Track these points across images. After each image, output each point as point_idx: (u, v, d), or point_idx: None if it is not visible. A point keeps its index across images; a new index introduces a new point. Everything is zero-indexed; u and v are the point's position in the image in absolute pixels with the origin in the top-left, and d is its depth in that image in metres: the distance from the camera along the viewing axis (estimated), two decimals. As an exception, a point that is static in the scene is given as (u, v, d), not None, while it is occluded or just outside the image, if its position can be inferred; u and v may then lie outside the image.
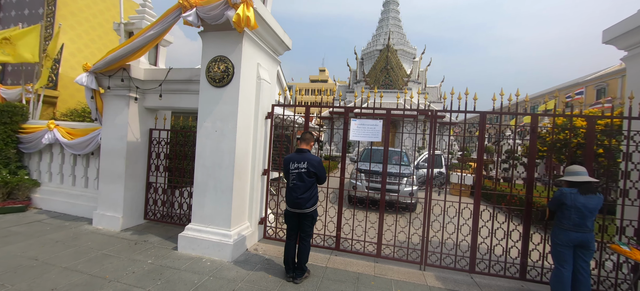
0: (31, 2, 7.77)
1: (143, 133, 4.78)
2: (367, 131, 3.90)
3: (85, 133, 5.01)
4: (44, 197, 5.40)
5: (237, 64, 3.73)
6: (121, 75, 4.35)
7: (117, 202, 4.53)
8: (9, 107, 5.49)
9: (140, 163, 4.77)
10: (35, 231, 4.24)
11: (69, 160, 5.37)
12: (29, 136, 5.40)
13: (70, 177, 5.38)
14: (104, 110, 4.63)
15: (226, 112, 3.75)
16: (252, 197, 4.20)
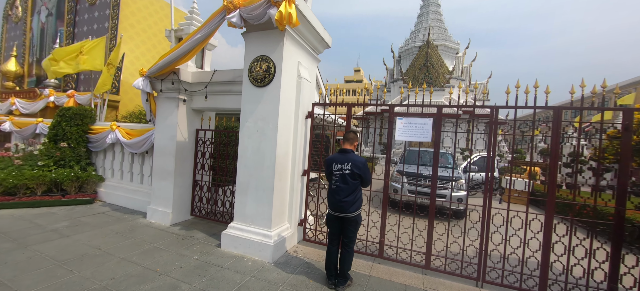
0: (99, 17, 8.75)
1: (190, 133, 5.01)
2: (415, 130, 3.59)
3: (141, 134, 5.43)
4: (108, 191, 5.98)
5: (278, 63, 3.69)
6: (171, 78, 4.60)
7: (168, 198, 4.80)
8: (81, 110, 6.19)
9: (187, 161, 5.01)
10: (99, 223, 4.67)
11: (128, 158, 5.87)
12: (96, 136, 6.02)
13: (128, 173, 5.88)
14: (156, 112, 4.94)
15: (267, 112, 3.73)
16: (291, 198, 4.13)
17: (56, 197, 5.51)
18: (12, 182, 5.24)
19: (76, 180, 5.75)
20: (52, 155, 5.85)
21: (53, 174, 5.54)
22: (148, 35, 9.14)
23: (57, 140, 5.94)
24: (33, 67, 10.62)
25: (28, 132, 7.35)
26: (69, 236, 4.01)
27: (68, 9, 9.37)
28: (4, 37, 12.13)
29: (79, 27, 9.21)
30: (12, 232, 4.04)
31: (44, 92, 8.71)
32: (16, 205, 5.14)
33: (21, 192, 5.38)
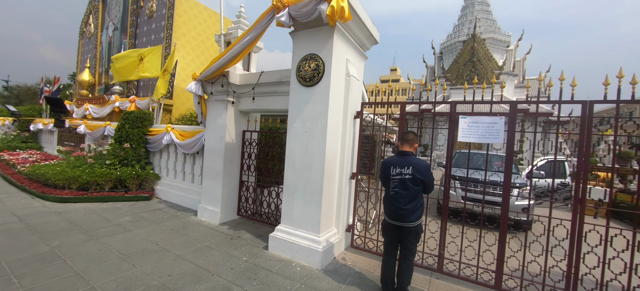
0: (156, 29, 9.52)
1: (237, 134, 5.11)
2: (482, 130, 3.16)
3: (192, 135, 5.69)
4: (163, 189, 6.39)
5: (327, 60, 3.54)
6: (221, 81, 4.72)
7: (217, 197, 4.94)
8: (141, 114, 6.72)
9: (234, 162, 5.11)
10: (156, 219, 4.97)
11: (180, 158, 6.22)
12: (154, 137, 6.48)
13: (181, 172, 6.22)
14: (207, 114, 5.13)
15: (316, 112, 3.60)
16: (340, 202, 3.94)
17: (120, 193, 6.03)
18: (86, 179, 5.85)
19: (137, 178, 6.24)
20: (118, 154, 6.43)
21: (118, 172, 6.07)
22: (197, 42, 9.70)
23: (121, 141, 6.51)
24: (102, 77, 11.95)
25: (98, 134, 8.23)
26: (132, 231, 4.30)
27: (130, 23, 10.36)
28: (80, 51, 13.89)
29: (139, 38, 10.13)
30: (85, 224, 4.45)
31: (111, 98, 9.72)
32: (88, 199, 5.71)
33: (92, 188, 5.98)
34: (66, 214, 4.88)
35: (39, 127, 11.76)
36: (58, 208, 5.16)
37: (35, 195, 5.83)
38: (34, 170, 6.43)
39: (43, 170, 6.23)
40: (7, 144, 11.09)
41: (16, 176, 6.97)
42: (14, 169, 7.66)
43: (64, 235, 3.98)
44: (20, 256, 3.28)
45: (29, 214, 4.76)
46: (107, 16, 11.89)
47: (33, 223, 4.36)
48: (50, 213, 4.85)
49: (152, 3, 9.73)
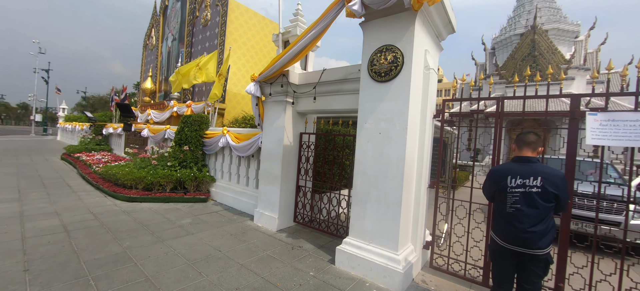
0: (210, 36, 9.92)
1: (295, 137, 4.86)
2: (622, 131, 2.42)
3: (248, 138, 5.61)
4: (218, 191, 6.43)
5: (407, 51, 3.07)
6: (281, 81, 4.51)
7: (274, 202, 4.72)
8: (198, 117, 6.90)
9: (292, 166, 4.86)
10: (215, 222, 4.91)
11: (235, 161, 6.20)
12: (210, 140, 6.58)
13: (235, 175, 6.19)
14: (264, 116, 4.97)
15: (393, 111, 3.14)
16: (417, 215, 3.42)
17: (180, 194, 6.18)
18: (150, 180, 6.10)
19: (194, 179, 6.37)
20: (177, 156, 6.65)
21: (178, 174, 6.24)
22: (247, 47, 9.89)
23: (181, 144, 6.73)
24: (162, 84, 12.89)
25: (159, 137, 8.73)
26: (194, 234, 4.25)
27: (187, 32, 10.98)
28: (143, 62, 15.23)
29: (195, 47, 10.67)
30: (151, 225, 4.53)
31: (170, 103, 10.33)
32: (152, 199, 5.94)
33: (155, 188, 6.23)
34: (134, 213, 5.06)
35: (109, 131, 13.05)
36: (127, 207, 5.41)
37: (107, 193, 6.24)
38: (107, 170, 6.94)
39: (114, 170, 6.68)
40: (84, 146, 12.47)
41: (92, 175, 7.63)
42: (90, 169, 8.43)
43: (134, 235, 4.04)
44: (96, 256, 3.33)
45: (103, 212, 5.03)
46: (167, 28, 12.83)
47: (106, 221, 4.56)
48: (121, 212, 5.07)
49: (206, 12, 10.19)
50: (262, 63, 10.39)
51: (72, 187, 6.83)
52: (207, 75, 7.35)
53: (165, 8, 13.14)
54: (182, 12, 11.65)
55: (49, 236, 3.83)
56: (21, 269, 2.92)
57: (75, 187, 6.82)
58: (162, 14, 13.33)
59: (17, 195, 5.80)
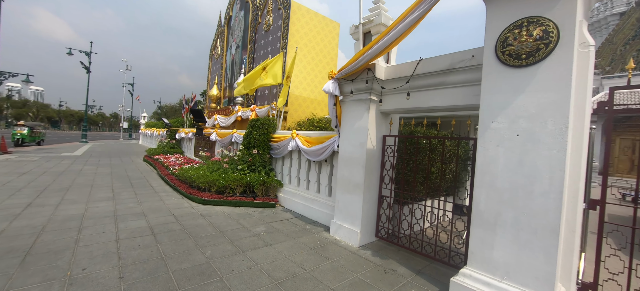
0: (272, 41, 9.98)
1: (378, 140, 4.26)
2: None
3: (320, 141, 5.19)
4: (286, 197, 6.16)
5: (565, 22, 2.24)
6: (365, 76, 3.96)
7: (355, 214, 4.17)
8: (266, 120, 6.78)
9: (374, 173, 4.26)
10: (289, 231, 4.57)
11: (304, 165, 5.85)
12: (278, 143, 6.37)
13: (304, 181, 5.84)
14: (342, 117, 4.48)
15: (541, 104, 2.32)
16: (570, 244, 2.50)
17: (249, 199, 6.07)
18: (222, 183, 6.12)
19: (263, 184, 6.21)
20: (246, 160, 6.60)
21: (248, 178, 6.14)
22: (308, 49, 9.68)
23: (249, 147, 6.67)
24: (227, 91, 13.56)
25: (226, 141, 8.98)
26: (272, 245, 3.93)
27: (250, 39, 11.29)
28: (209, 70, 16.36)
29: (257, 52, 10.89)
30: (228, 232, 4.37)
31: (234, 108, 10.69)
32: (224, 203, 5.92)
33: (227, 191, 6.23)
34: (210, 217, 5.02)
35: (182, 135, 14.20)
36: (202, 211, 5.43)
37: (184, 195, 6.46)
38: (182, 173, 7.26)
39: (189, 173, 6.93)
40: (161, 149, 13.77)
41: (169, 176, 8.12)
42: (167, 170, 9.06)
43: (214, 243, 3.88)
44: (183, 265, 3.18)
45: (182, 215, 5.09)
46: (231, 37, 13.50)
47: (187, 225, 4.55)
48: (198, 216, 5.08)
49: (268, 17, 10.30)
50: (322, 64, 10.09)
51: (154, 188, 7.30)
52: (274, 78, 7.23)
53: (229, 18, 13.85)
54: (245, 20, 12.07)
55: (139, 238, 3.87)
56: (117, 276, 2.86)
57: (157, 188, 7.27)
58: (226, 24, 14.10)
59: (111, 194, 6.33)
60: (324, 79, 10.14)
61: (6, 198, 5.50)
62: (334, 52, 10.48)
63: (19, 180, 7.24)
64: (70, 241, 3.62)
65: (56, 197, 5.74)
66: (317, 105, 9.91)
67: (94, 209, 5.11)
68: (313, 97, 9.77)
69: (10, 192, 5.92)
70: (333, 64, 10.47)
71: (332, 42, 10.36)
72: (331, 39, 10.33)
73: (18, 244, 3.45)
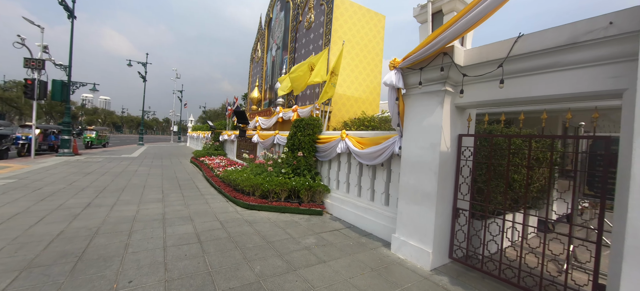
0: (314, 38, 9.59)
1: (453, 140, 3.50)
2: None
3: (376, 142, 4.56)
4: (333, 203, 5.63)
5: None
6: (439, 63, 3.25)
7: (425, 230, 3.46)
8: (311, 121, 6.33)
9: (448, 180, 3.51)
10: (343, 245, 4.01)
11: (355, 169, 5.25)
12: (325, 145, 5.87)
13: (355, 187, 5.24)
14: (406, 114, 3.80)
15: None
16: None
17: (294, 205, 5.65)
18: (266, 187, 5.79)
19: (309, 189, 5.75)
20: (291, 163, 6.21)
21: (293, 182, 5.74)
22: (352, 44, 9.09)
23: (294, 150, 6.28)
24: (267, 93, 13.56)
25: (268, 143, 8.76)
26: (326, 263, 3.40)
27: (290, 39, 11.07)
28: (250, 74, 16.62)
29: (298, 51, 10.60)
30: (276, 243, 3.95)
31: (276, 109, 10.51)
32: (269, 209, 5.58)
33: (271, 196, 5.90)
34: (255, 224, 4.68)
35: (225, 137, 14.55)
36: (247, 216, 5.14)
37: (229, 198, 6.28)
38: (227, 175, 7.14)
39: (233, 176, 6.77)
40: (206, 151, 14.23)
41: (214, 178, 8.12)
42: (212, 172, 9.13)
43: (262, 256, 3.48)
44: (231, 283, 2.79)
45: (228, 221, 4.83)
46: (271, 39, 13.49)
47: (233, 232, 4.24)
48: (243, 222, 4.77)
49: (310, 15, 9.94)
50: (367, 60, 9.42)
51: (200, 190, 7.30)
52: (321, 75, 6.78)
53: (269, 20, 13.87)
54: (285, 20, 11.91)
55: (185, 246, 3.62)
56: (163, 293, 2.56)
57: (203, 190, 7.26)
58: (266, 26, 14.14)
59: (161, 195, 6.39)
60: (368, 76, 9.47)
61: (70, 197, 5.79)
62: (379, 47, 9.75)
63: (84, 179, 7.76)
64: (120, 247, 3.48)
65: (112, 198, 5.91)
66: (361, 104, 9.27)
67: (145, 211, 5.09)
68: (358, 95, 9.15)
69: (74, 192, 6.27)
70: (378, 59, 9.74)
71: (377, 36, 9.64)
72: (376, 33, 9.62)
73: (72, 248, 3.39)
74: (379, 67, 9.74)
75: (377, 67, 9.70)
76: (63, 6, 13.45)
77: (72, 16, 13.95)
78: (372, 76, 9.57)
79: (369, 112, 9.57)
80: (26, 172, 8.41)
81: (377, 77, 9.72)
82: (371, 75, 9.52)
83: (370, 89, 9.56)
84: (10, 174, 7.96)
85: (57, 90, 13.48)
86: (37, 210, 4.81)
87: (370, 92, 9.57)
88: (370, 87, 9.57)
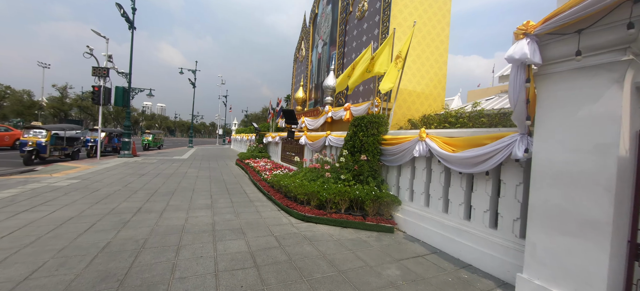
0: (367, 28, 8.63)
1: (632, 139, 2.26)
2: None
3: (474, 144, 3.43)
4: (407, 219, 4.58)
5: None
6: (623, 17, 2.06)
7: (586, 276, 2.27)
8: (376, 118, 5.36)
9: (625, 202, 2.27)
10: (438, 282, 2.97)
11: (439, 178, 4.15)
12: (395, 147, 4.85)
13: (439, 200, 4.14)
14: (543, 101, 2.64)
15: None
16: None
17: (358, 218, 4.73)
18: (325, 196, 4.96)
19: (376, 200, 4.78)
20: (351, 168, 5.31)
21: (357, 191, 4.82)
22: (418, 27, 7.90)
23: (354, 152, 5.37)
24: (312, 92, 12.92)
25: (318, 145, 7.98)
26: (430, 313, 2.40)
27: (339, 32, 10.23)
28: (293, 74, 16.21)
29: (348, 45, 9.72)
30: (348, 272, 3.07)
31: (324, 108, 9.74)
32: (328, 221, 4.74)
33: (328, 207, 5.05)
34: (317, 243, 3.85)
35: (268, 140, 14.25)
36: (305, 230, 4.35)
37: (280, 207, 5.60)
38: (277, 180, 6.50)
39: (284, 181, 6.10)
40: (251, 153, 14.06)
41: (262, 183, 7.57)
42: (259, 176, 8.65)
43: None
44: (308, 343, 1.95)
45: (283, 236, 4.09)
46: (317, 36, 12.84)
47: (293, 254, 3.46)
48: (303, 239, 3.98)
49: (363, 3, 9.01)
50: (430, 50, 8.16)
51: (248, 195, 6.77)
52: (383, 65, 5.79)
53: (315, 17, 13.25)
54: (333, 14, 11.14)
55: (240, 272, 2.91)
56: None
57: (251, 195, 6.72)
58: (311, 23, 13.55)
59: (209, 200, 5.95)
60: (432, 68, 8.19)
61: (123, 200, 5.60)
62: (445, 33, 8.42)
63: (138, 181, 7.77)
64: (166, 269, 2.89)
65: (162, 202, 5.60)
66: (423, 99, 8.04)
67: (194, 219, 4.60)
68: (420, 90, 7.95)
69: (128, 194, 6.14)
70: (443, 48, 8.41)
71: (443, 20, 8.33)
72: (441, 18, 8.31)
73: (116, 266, 2.89)
74: (444, 56, 8.40)
75: (442, 57, 8.37)
76: (124, 18, 14.40)
77: (132, 27, 14.90)
78: (437, 67, 8.28)
79: (433, 109, 8.28)
80: (90, 173, 8.78)
81: (442, 68, 8.39)
82: (435, 67, 8.23)
83: (434, 83, 8.28)
84: (76, 174, 8.34)
85: (119, 95, 14.44)
86: (90, 214, 4.59)
87: (434, 86, 8.28)
88: (434, 81, 8.28)
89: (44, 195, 5.62)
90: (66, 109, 54.33)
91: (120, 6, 13.82)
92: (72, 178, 7.63)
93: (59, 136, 12.17)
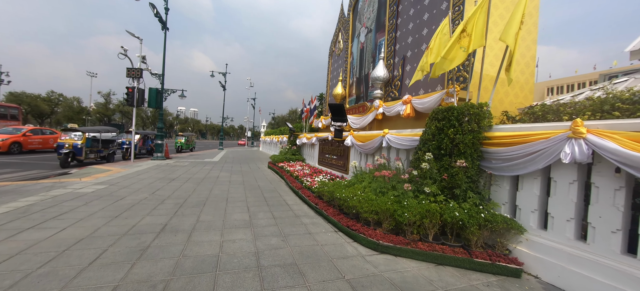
0: (430, 4, 7.07)
1: None
2: None
3: None
4: (539, 256, 3.03)
5: None
6: None
7: None
8: (474, 107, 3.86)
9: None
10: None
11: (612, 198, 2.57)
12: (515, 149, 3.30)
13: (615, 234, 2.55)
14: None
15: None
16: None
17: (459, 252, 3.26)
18: (407, 218, 3.55)
19: (484, 225, 3.28)
20: (437, 178, 3.85)
21: (456, 212, 3.35)
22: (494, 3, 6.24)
23: (442, 156, 3.90)
24: (353, 88, 11.54)
25: (372, 146, 6.57)
26: None
27: (389, 15, 8.76)
28: (329, 69, 14.96)
29: (401, 28, 8.22)
30: None
31: (374, 103, 8.32)
32: (413, 254, 3.34)
33: (408, 231, 3.64)
34: None
35: (303, 141, 13.10)
36: (386, 270, 2.99)
37: (337, 227, 4.30)
38: (329, 191, 5.20)
39: (339, 192, 4.78)
40: (284, 156, 13.01)
41: (304, 192, 6.34)
42: (299, 183, 7.44)
43: None
44: None
45: (359, 279, 2.77)
46: (358, 24, 11.46)
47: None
48: (390, 288, 2.61)
49: (421, -25, 7.47)
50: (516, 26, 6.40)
51: (291, 207, 5.56)
52: (477, 39, 4.26)
53: (355, 3, 11.88)
54: (379, -4, 9.69)
55: None
56: None
57: (295, 208, 5.49)
58: (351, 11, 12.20)
59: (247, 216, 4.81)
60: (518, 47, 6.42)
61: (147, 213, 4.64)
62: (533, 4, 6.62)
63: (167, 187, 6.92)
64: None
65: (192, 217, 4.55)
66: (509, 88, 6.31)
67: (231, 245, 3.44)
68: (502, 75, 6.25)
69: (154, 205, 5.20)
70: (532, 22, 6.61)
71: (533, -12, 6.54)
72: (530, -16, 6.53)
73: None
74: (532, 33, 6.60)
75: (531, 34, 6.57)
76: (158, 19, 14.11)
77: (165, 27, 14.60)
78: (524, 47, 6.50)
79: (520, 99, 6.52)
80: (119, 177, 8.16)
81: (531, 48, 6.59)
82: (522, 46, 6.47)
83: (521, 67, 6.51)
84: (106, 179, 7.72)
85: (152, 97, 14.16)
86: (104, 234, 3.61)
87: (521, 70, 6.51)
88: (521, 64, 6.51)
89: (61, 206, 4.83)
90: (110, 114, 58.18)
91: (153, 6, 13.52)
92: (100, 183, 6.96)
93: (95, 138, 12.00)
